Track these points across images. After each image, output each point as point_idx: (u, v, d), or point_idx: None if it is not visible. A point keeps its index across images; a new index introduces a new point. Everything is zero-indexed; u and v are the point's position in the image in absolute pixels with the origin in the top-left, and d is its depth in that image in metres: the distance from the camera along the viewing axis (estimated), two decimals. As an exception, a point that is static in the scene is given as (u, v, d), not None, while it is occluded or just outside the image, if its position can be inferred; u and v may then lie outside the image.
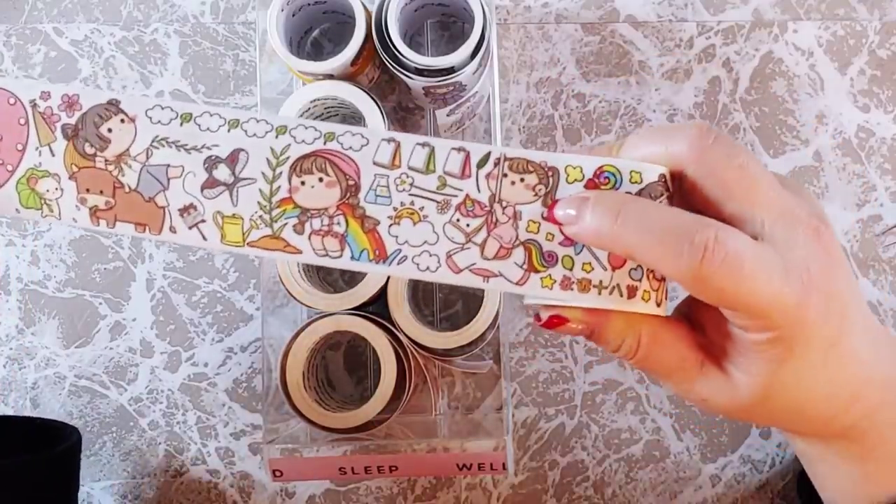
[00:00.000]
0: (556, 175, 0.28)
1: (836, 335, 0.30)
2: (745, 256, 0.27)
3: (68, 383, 0.50)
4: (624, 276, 0.28)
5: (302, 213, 0.28)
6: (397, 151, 0.28)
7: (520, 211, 0.28)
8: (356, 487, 0.50)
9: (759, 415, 0.31)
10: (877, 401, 0.32)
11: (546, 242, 0.28)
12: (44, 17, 0.52)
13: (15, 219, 0.51)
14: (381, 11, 0.44)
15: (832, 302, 0.29)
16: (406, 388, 0.46)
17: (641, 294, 0.28)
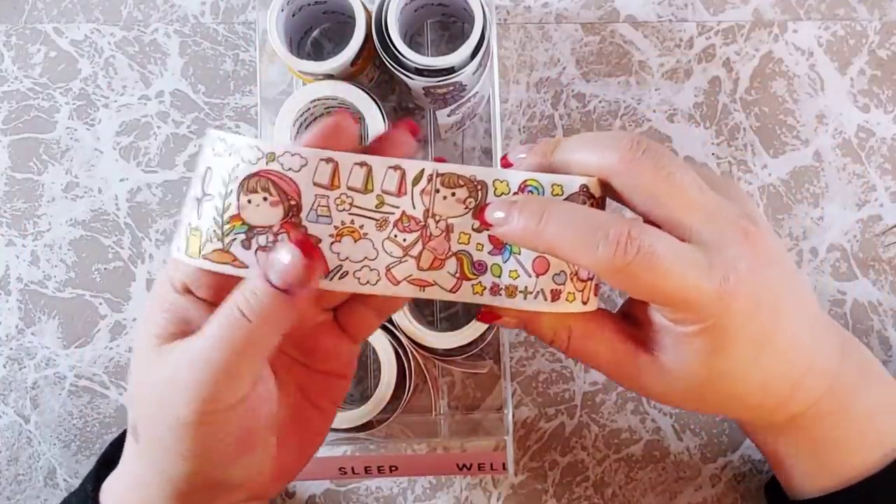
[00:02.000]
0: (484, 189, 0.29)
1: (768, 329, 0.31)
2: (659, 250, 0.28)
3: (68, 383, 0.50)
4: (548, 282, 0.30)
5: (249, 230, 0.29)
6: (336, 172, 0.29)
7: (452, 224, 0.30)
8: (356, 487, 0.50)
9: (696, 403, 0.33)
10: (821, 390, 0.33)
11: (476, 252, 0.30)
12: (44, 17, 0.52)
13: (15, 218, 0.51)
14: (381, 11, 0.44)
15: (763, 298, 0.30)
16: (406, 388, 0.46)
17: (566, 296, 0.30)
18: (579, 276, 0.30)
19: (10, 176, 0.52)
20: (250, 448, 0.30)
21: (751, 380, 0.31)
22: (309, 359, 0.33)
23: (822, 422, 0.34)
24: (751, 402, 0.32)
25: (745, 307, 0.30)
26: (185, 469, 0.29)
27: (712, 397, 0.32)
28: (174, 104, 0.52)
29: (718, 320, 0.29)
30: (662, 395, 0.33)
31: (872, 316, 0.50)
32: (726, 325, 0.29)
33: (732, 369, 0.31)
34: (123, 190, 0.51)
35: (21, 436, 0.50)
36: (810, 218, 0.51)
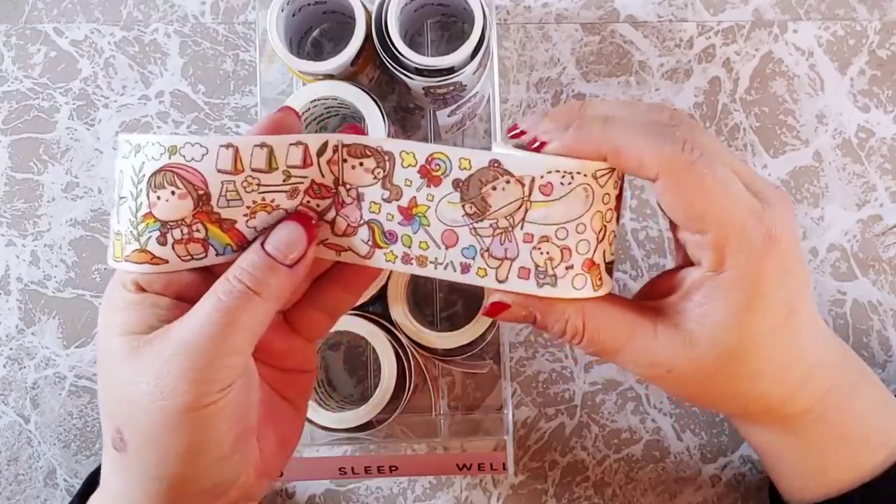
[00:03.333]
0: (391, 159, 0.30)
1: (793, 304, 0.30)
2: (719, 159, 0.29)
3: (68, 383, 0.50)
4: (456, 254, 0.30)
5: (163, 226, 0.29)
6: (237, 156, 0.29)
7: (362, 193, 0.30)
8: (356, 487, 0.50)
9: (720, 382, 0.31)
10: (828, 384, 0.33)
11: (387, 222, 0.30)
12: (44, 17, 0.52)
13: (15, 219, 0.51)
14: (381, 11, 0.44)
15: (794, 268, 0.30)
16: (406, 388, 0.46)
17: (476, 271, 0.30)
18: (491, 252, 0.29)
19: (10, 176, 0.52)
20: (247, 439, 0.30)
21: (772, 356, 0.31)
22: (265, 357, 0.33)
23: (827, 420, 0.34)
24: (764, 388, 0.32)
25: (782, 266, 0.29)
26: (178, 471, 0.28)
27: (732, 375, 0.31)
28: (174, 104, 0.52)
29: (758, 268, 0.29)
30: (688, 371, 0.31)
31: (872, 316, 0.50)
32: (762, 278, 0.29)
33: (758, 336, 0.30)
34: (123, 190, 0.51)
35: (21, 436, 0.50)
36: (810, 218, 0.51)
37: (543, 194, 0.29)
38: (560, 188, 0.29)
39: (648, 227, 0.51)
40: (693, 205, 0.29)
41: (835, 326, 0.50)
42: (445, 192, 0.29)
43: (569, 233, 0.29)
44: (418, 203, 0.30)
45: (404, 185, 0.30)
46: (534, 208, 0.29)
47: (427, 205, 0.30)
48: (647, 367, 0.31)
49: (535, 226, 0.29)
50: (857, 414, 0.34)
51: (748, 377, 0.31)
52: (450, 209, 0.29)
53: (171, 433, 0.28)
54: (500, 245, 0.29)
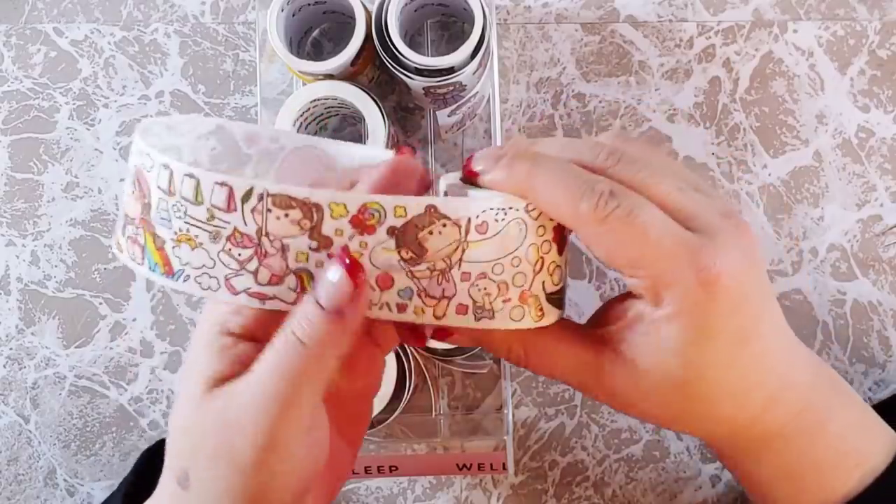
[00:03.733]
0: (320, 211, 0.28)
1: (750, 328, 0.30)
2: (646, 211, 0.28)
3: (68, 383, 0.51)
4: (392, 296, 0.29)
5: (126, 218, 0.31)
6: (171, 179, 0.29)
7: (287, 244, 0.29)
8: (356, 487, 0.50)
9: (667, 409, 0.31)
10: (799, 406, 0.32)
11: (316, 269, 0.29)
12: (44, 17, 0.52)
13: (15, 219, 0.51)
14: (381, 11, 0.44)
15: (749, 295, 0.29)
16: (406, 388, 0.46)
17: (413, 310, 0.29)
18: (428, 293, 0.29)
19: (10, 176, 0.52)
20: (307, 491, 0.30)
21: (726, 384, 0.30)
22: (349, 374, 0.32)
23: (800, 441, 0.33)
24: (724, 412, 0.31)
25: (732, 298, 0.29)
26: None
27: (685, 402, 0.31)
28: (174, 104, 0.52)
29: (700, 305, 0.28)
30: (631, 402, 0.31)
31: (872, 316, 0.50)
32: (709, 312, 0.29)
33: (708, 368, 0.29)
34: (123, 190, 0.51)
35: (21, 436, 0.50)
36: (810, 218, 0.51)
37: (479, 233, 0.29)
38: (495, 225, 0.29)
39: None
40: (614, 255, 0.29)
41: (835, 326, 0.50)
42: (380, 240, 0.28)
43: (505, 267, 0.29)
44: (350, 251, 0.29)
45: (335, 236, 0.29)
46: (470, 248, 0.29)
47: (360, 252, 0.29)
48: (595, 393, 0.32)
49: (473, 264, 0.29)
50: (832, 435, 0.33)
51: (701, 403, 0.31)
52: (384, 255, 0.29)
53: (234, 483, 0.28)
54: (438, 285, 0.29)
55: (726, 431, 0.33)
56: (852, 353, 0.50)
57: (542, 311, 0.30)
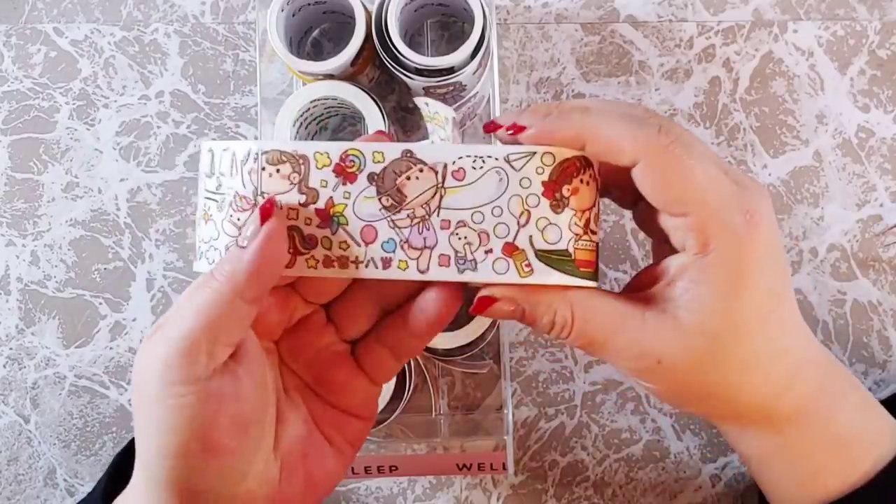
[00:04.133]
0: (306, 162, 0.30)
1: (779, 292, 0.30)
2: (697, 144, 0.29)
3: (68, 383, 0.51)
4: (377, 250, 0.30)
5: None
6: (205, 157, 0.31)
7: (279, 200, 0.30)
8: (356, 487, 0.50)
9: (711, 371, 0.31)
10: (816, 384, 0.33)
11: (306, 227, 0.30)
12: (44, 17, 0.52)
13: (16, 219, 0.51)
14: (381, 11, 0.44)
15: (777, 254, 0.30)
16: (406, 388, 0.46)
17: (397, 263, 0.30)
18: (410, 243, 0.30)
19: (10, 176, 0.52)
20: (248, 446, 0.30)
21: (760, 344, 0.30)
22: (322, 389, 0.33)
23: (817, 421, 0.33)
24: (758, 379, 0.31)
25: (766, 251, 0.29)
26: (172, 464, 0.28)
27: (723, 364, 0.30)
28: (174, 104, 0.52)
29: (741, 250, 0.29)
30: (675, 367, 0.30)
31: (872, 316, 0.50)
32: (749, 258, 0.29)
33: (746, 319, 0.30)
34: (123, 190, 0.51)
35: (21, 436, 0.50)
36: (810, 218, 0.51)
37: (456, 179, 0.29)
38: (472, 172, 0.29)
39: (648, 227, 0.51)
40: (672, 186, 0.29)
41: (835, 326, 0.50)
42: (361, 188, 0.30)
43: (485, 216, 0.29)
44: (335, 203, 0.30)
45: (320, 187, 0.30)
46: (448, 194, 0.29)
47: (344, 203, 0.30)
48: (637, 358, 0.31)
49: (451, 211, 0.29)
50: (847, 416, 0.34)
51: (739, 368, 0.31)
52: (367, 204, 0.30)
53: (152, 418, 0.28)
54: (419, 234, 0.30)
55: (752, 407, 0.33)
56: (852, 353, 0.50)
57: (531, 266, 0.30)
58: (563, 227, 0.30)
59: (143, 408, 0.28)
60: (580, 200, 0.30)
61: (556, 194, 0.30)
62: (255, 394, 0.30)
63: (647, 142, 0.29)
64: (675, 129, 0.29)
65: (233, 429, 0.29)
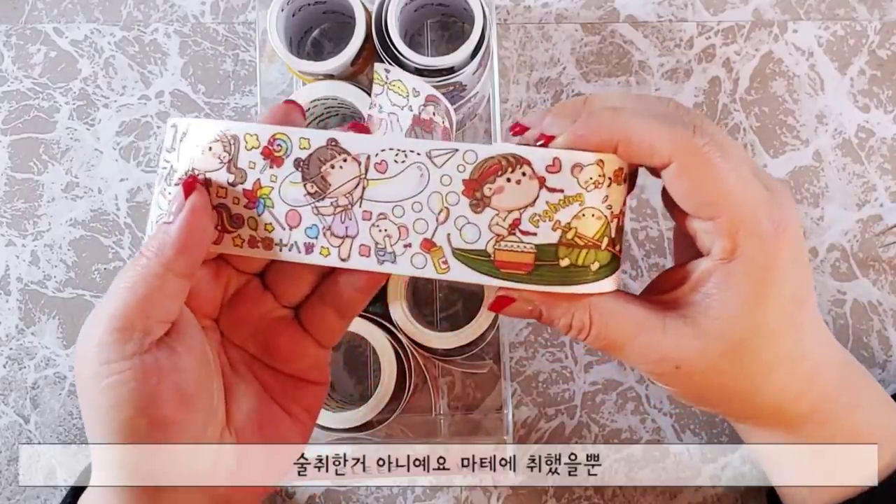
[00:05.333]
0: (236, 143, 0.30)
1: (802, 295, 0.30)
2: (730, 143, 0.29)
3: (68, 383, 0.50)
4: (300, 234, 0.30)
5: None
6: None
7: (209, 178, 0.30)
8: (356, 487, 0.50)
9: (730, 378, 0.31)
10: (834, 382, 0.33)
11: (233, 206, 0.30)
12: (44, 17, 0.52)
13: (16, 219, 0.51)
14: (381, 11, 0.44)
15: (801, 261, 0.30)
16: (406, 388, 0.46)
17: (319, 250, 0.30)
18: (332, 231, 0.30)
19: (10, 176, 0.52)
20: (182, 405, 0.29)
21: (782, 348, 0.30)
22: (270, 358, 0.33)
23: (835, 420, 0.33)
24: (778, 380, 0.31)
25: (791, 256, 0.29)
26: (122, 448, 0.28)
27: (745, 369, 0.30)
28: (174, 104, 0.52)
29: (768, 257, 0.29)
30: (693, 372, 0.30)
31: (872, 316, 0.50)
32: (773, 267, 0.29)
33: (768, 325, 0.29)
34: (123, 190, 0.51)
35: (21, 436, 0.50)
36: (810, 218, 0.51)
37: (379, 172, 0.30)
38: (394, 166, 0.29)
39: (648, 227, 0.51)
40: (705, 188, 0.29)
41: (835, 326, 0.50)
42: (288, 173, 0.30)
43: (405, 210, 0.30)
44: (262, 185, 0.30)
45: (248, 168, 0.30)
46: (371, 186, 0.30)
47: (271, 186, 0.30)
48: (656, 362, 0.31)
49: (373, 203, 0.30)
50: (864, 414, 0.34)
51: (760, 371, 0.31)
52: (292, 189, 0.30)
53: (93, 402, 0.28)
54: (341, 223, 0.30)
55: (772, 409, 0.32)
56: (852, 352, 0.50)
57: (447, 264, 0.30)
58: (483, 226, 0.29)
59: (84, 392, 0.28)
60: (505, 200, 0.29)
61: (477, 193, 0.29)
62: (196, 366, 0.30)
63: (683, 143, 0.28)
64: (709, 129, 0.29)
65: (176, 400, 0.29)
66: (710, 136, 0.28)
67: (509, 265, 0.30)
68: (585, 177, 0.29)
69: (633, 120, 0.29)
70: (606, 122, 0.29)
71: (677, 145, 0.28)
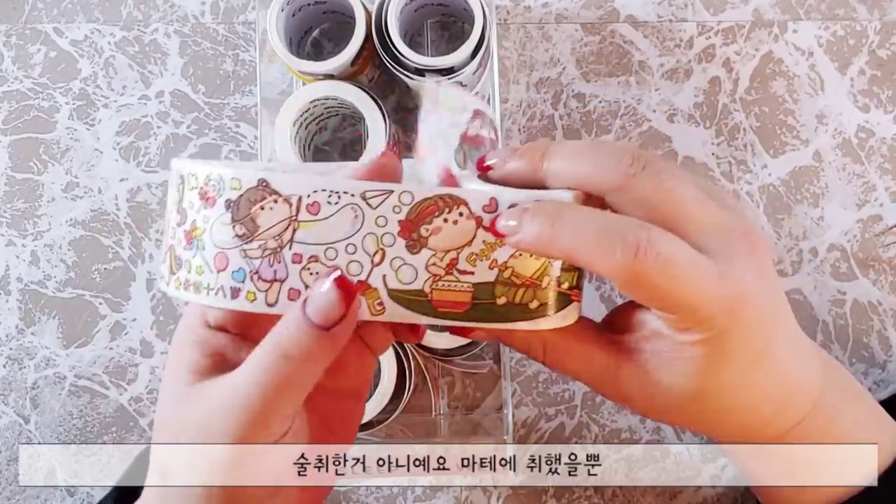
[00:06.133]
0: (184, 183, 0.30)
1: (764, 347, 0.30)
2: (677, 256, 0.27)
3: (68, 383, 0.50)
4: (227, 279, 0.29)
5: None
6: None
7: (169, 219, 0.31)
8: (356, 487, 0.50)
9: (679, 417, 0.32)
10: (805, 410, 0.33)
11: (178, 248, 0.30)
12: (44, 17, 0.52)
13: (15, 219, 0.51)
14: (381, 11, 0.44)
15: (765, 315, 0.30)
16: (406, 388, 0.46)
17: (245, 294, 0.29)
18: (260, 274, 0.29)
19: (10, 176, 0.52)
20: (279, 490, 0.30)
21: (739, 398, 0.30)
22: (337, 376, 0.32)
23: (809, 439, 0.33)
24: (736, 421, 0.31)
25: (750, 322, 0.29)
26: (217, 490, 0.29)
27: (697, 414, 0.31)
28: (174, 104, 0.52)
29: (722, 332, 0.28)
30: (645, 408, 0.32)
31: (872, 316, 0.50)
32: (729, 337, 0.29)
33: (724, 386, 0.30)
34: (123, 190, 0.51)
35: (21, 436, 0.50)
36: (810, 218, 0.51)
37: (311, 213, 0.28)
38: (327, 207, 0.28)
39: (648, 227, 0.51)
40: (656, 301, 0.29)
41: (835, 326, 0.50)
42: (219, 213, 0.29)
43: (338, 253, 0.29)
44: (197, 226, 0.29)
45: (189, 209, 0.29)
46: (301, 228, 0.28)
47: (203, 227, 0.29)
48: (611, 395, 0.32)
49: (304, 245, 0.28)
50: (840, 432, 0.34)
51: (714, 415, 0.31)
52: (222, 231, 0.29)
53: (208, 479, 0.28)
54: (269, 266, 0.29)
55: (736, 436, 0.33)
56: (852, 353, 0.50)
57: (382, 305, 0.29)
58: (420, 267, 0.29)
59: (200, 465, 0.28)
60: (442, 240, 0.29)
61: (413, 234, 0.29)
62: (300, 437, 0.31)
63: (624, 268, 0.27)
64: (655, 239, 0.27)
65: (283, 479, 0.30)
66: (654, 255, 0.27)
67: (446, 304, 0.29)
68: None
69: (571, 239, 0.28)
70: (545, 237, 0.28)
71: (618, 273, 0.27)
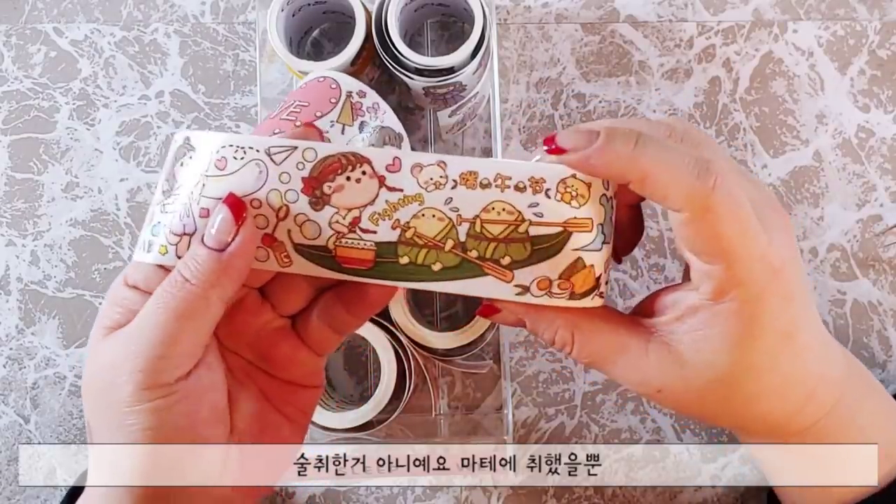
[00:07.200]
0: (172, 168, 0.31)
1: (794, 327, 0.30)
2: (745, 203, 0.28)
3: (68, 383, 0.51)
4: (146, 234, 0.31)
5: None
6: None
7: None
8: (356, 487, 0.50)
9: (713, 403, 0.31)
10: (832, 400, 0.33)
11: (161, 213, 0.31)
12: (44, 17, 0.52)
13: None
14: (381, 11, 0.44)
15: (796, 291, 0.30)
16: (406, 388, 0.46)
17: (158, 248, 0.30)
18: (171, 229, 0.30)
19: (10, 176, 0.52)
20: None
21: (769, 381, 0.30)
22: (267, 365, 0.33)
23: (830, 435, 0.33)
24: (764, 409, 0.31)
25: (783, 295, 0.29)
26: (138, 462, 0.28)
27: (725, 402, 0.31)
28: (174, 104, 0.52)
29: (756, 302, 0.29)
30: (674, 396, 0.31)
31: (872, 316, 0.50)
32: (762, 310, 0.29)
33: (752, 365, 0.30)
34: (123, 190, 0.51)
35: (21, 436, 0.50)
36: (810, 218, 0.51)
37: (218, 168, 0.29)
38: (233, 162, 0.29)
39: (648, 227, 0.51)
40: (709, 243, 0.29)
41: (835, 326, 0.50)
42: (165, 176, 0.31)
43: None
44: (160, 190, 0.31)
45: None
46: (210, 183, 0.30)
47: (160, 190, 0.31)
48: (638, 383, 0.31)
49: (210, 200, 0.29)
50: (862, 427, 0.34)
51: (743, 403, 0.31)
52: (158, 190, 0.31)
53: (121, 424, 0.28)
54: (179, 221, 0.30)
55: (763, 427, 0.33)
56: (852, 352, 0.50)
57: (289, 258, 0.30)
58: (323, 224, 0.30)
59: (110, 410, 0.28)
60: (345, 198, 0.29)
61: (316, 191, 0.30)
62: (224, 382, 0.31)
63: (698, 200, 0.27)
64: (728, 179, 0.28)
65: (213, 419, 0.29)
66: (726, 189, 0.28)
67: (350, 261, 0.30)
68: (425, 177, 0.29)
69: (652, 160, 0.28)
70: (624, 156, 0.28)
71: (692, 200, 0.28)
